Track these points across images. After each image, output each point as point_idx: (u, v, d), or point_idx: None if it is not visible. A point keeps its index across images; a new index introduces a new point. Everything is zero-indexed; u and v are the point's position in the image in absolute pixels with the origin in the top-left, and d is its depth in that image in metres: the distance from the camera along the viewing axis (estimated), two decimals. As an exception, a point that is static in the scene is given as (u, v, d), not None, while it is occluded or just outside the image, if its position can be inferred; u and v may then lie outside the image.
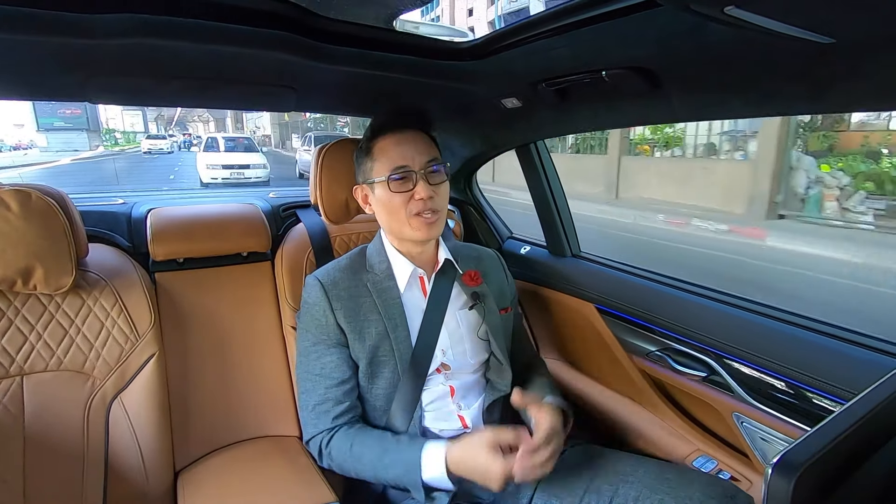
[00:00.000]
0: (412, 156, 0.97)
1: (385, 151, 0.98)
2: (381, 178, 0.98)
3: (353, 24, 0.85)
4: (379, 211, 1.02)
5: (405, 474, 0.91)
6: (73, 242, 0.97)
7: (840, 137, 6.93)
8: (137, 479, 1.02)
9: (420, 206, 0.96)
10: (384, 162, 0.97)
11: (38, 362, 0.98)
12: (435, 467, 0.89)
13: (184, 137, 20.28)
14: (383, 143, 0.99)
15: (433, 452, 0.90)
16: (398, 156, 0.97)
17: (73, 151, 26.33)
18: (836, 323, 0.94)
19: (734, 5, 0.48)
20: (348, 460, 0.97)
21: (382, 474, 0.93)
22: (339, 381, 1.01)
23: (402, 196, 0.97)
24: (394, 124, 1.00)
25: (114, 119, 37.13)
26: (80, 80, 0.95)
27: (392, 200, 0.97)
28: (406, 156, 0.97)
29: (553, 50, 0.86)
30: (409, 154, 0.97)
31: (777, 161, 6.79)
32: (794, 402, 0.94)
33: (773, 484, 0.44)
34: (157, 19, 0.72)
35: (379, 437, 0.97)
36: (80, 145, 28.72)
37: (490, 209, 1.74)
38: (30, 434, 0.95)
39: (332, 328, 1.01)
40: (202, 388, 1.18)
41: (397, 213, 0.98)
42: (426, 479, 0.89)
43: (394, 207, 0.98)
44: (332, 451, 0.99)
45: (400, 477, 0.91)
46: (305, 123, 26.13)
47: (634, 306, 1.23)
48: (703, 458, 1.10)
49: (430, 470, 0.90)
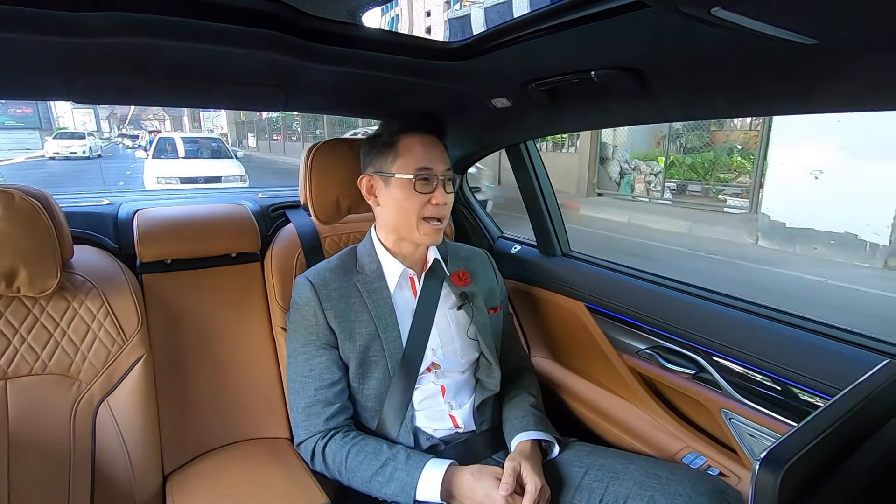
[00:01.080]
0: (436, 160, 0.99)
1: (411, 149, 0.99)
2: (404, 175, 0.98)
3: (343, 24, 0.84)
4: (388, 205, 1.02)
5: (399, 493, 0.91)
6: (57, 244, 0.95)
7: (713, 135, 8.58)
8: (125, 484, 1.01)
9: (434, 210, 0.98)
10: (409, 159, 0.98)
11: (23, 366, 0.97)
12: (430, 490, 0.90)
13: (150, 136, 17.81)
14: (409, 140, 0.99)
15: (430, 477, 0.90)
16: (425, 157, 0.98)
17: (26, 150, 24.96)
18: (820, 319, 0.96)
19: (721, 6, 0.48)
20: (343, 471, 0.97)
21: (376, 489, 0.93)
22: (330, 383, 1.01)
23: (420, 198, 0.98)
24: (422, 125, 1.01)
25: (63, 117, 35.58)
26: (65, 79, 0.94)
27: (409, 199, 0.98)
28: (431, 159, 0.99)
29: (543, 50, 0.86)
30: (433, 158, 0.99)
31: (591, 154, 9.42)
32: (781, 399, 0.96)
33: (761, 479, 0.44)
34: (144, 18, 0.71)
35: (375, 451, 0.96)
36: (32, 144, 27.22)
37: (480, 209, 1.74)
38: (14, 439, 0.93)
39: (323, 328, 1.01)
40: (191, 390, 1.17)
41: (408, 214, 0.99)
42: (419, 498, 0.90)
43: (408, 207, 0.98)
44: (326, 457, 0.99)
45: (393, 494, 0.92)
46: (262, 123, 25.86)
47: (624, 305, 1.24)
48: (693, 455, 1.11)
49: (424, 492, 0.90)
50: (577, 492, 0.93)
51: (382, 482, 0.92)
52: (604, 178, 9.58)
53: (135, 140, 31.25)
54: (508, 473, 0.88)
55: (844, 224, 5.45)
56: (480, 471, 0.91)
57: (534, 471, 0.91)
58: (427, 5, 15.38)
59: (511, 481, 0.87)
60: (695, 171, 8.54)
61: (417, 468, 0.91)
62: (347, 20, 0.84)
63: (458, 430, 1.05)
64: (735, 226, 6.71)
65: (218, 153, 9.66)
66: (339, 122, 17.93)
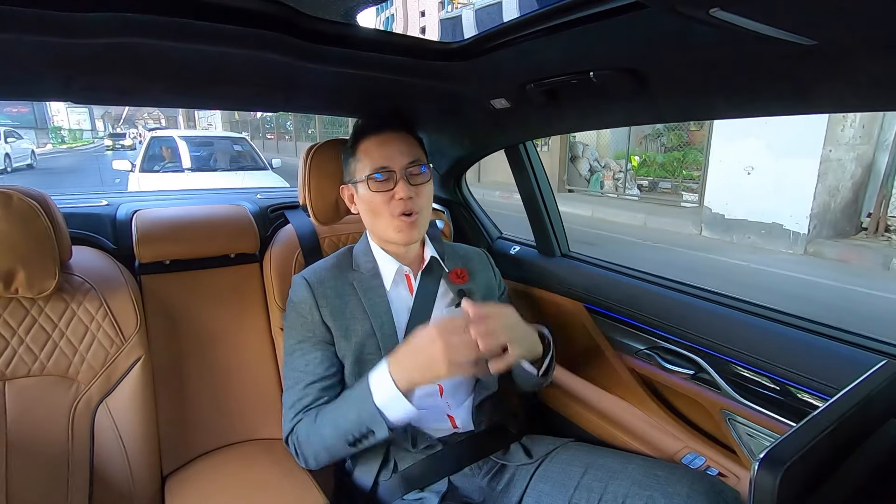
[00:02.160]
0: (394, 156, 0.98)
1: (368, 152, 1.00)
2: (362, 178, 0.99)
3: (342, 25, 0.84)
4: (362, 210, 1.04)
5: (361, 411, 0.88)
6: (55, 245, 0.95)
7: (691, 135, 9.01)
8: (124, 485, 1.01)
9: (401, 206, 0.97)
10: (366, 162, 0.99)
11: (21, 367, 0.96)
12: (384, 387, 0.86)
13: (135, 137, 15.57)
14: (367, 143, 1.01)
15: (378, 373, 0.88)
16: (380, 156, 0.98)
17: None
18: (819, 320, 0.96)
19: (719, 7, 0.48)
20: (315, 437, 0.94)
21: (344, 427, 0.90)
22: (320, 378, 0.99)
23: (382, 196, 0.98)
24: (378, 125, 1.02)
25: (58, 115, 35.57)
26: (63, 80, 0.94)
27: (373, 200, 0.99)
28: (387, 156, 0.98)
29: (541, 51, 0.86)
30: (390, 154, 0.98)
31: (562, 153, 9.81)
32: (780, 399, 0.96)
33: (760, 479, 0.44)
34: (142, 18, 0.71)
35: (337, 399, 0.95)
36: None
37: (479, 209, 1.74)
38: (13, 440, 0.93)
39: (318, 326, 1.00)
40: (190, 391, 1.16)
41: (379, 214, 0.99)
42: (380, 405, 0.86)
43: (375, 207, 0.99)
44: (298, 437, 0.96)
45: (358, 418, 0.88)
46: (255, 122, 25.75)
47: (623, 305, 1.24)
48: (692, 455, 1.11)
49: (380, 392, 0.87)
50: (576, 491, 0.93)
51: (345, 415, 0.90)
52: (575, 176, 10.09)
53: (117, 140, 24.56)
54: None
55: (772, 215, 6.11)
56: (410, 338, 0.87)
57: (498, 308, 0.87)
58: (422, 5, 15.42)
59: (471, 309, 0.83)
60: (664, 170, 9.27)
61: (366, 378, 0.89)
62: (346, 21, 0.84)
63: (457, 430, 1.04)
64: (685, 218, 7.31)
65: (241, 161, 6.10)
66: (330, 122, 17.95)
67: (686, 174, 8.79)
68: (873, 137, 6.06)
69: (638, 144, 10.44)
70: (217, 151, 6.16)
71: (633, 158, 9.59)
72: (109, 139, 26.05)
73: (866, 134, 5.96)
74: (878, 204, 5.97)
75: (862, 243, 5.84)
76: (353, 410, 0.89)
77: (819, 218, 5.88)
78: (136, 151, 11.72)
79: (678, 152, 9.09)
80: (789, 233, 5.98)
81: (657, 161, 9.49)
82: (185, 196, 1.70)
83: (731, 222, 6.52)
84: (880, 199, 5.94)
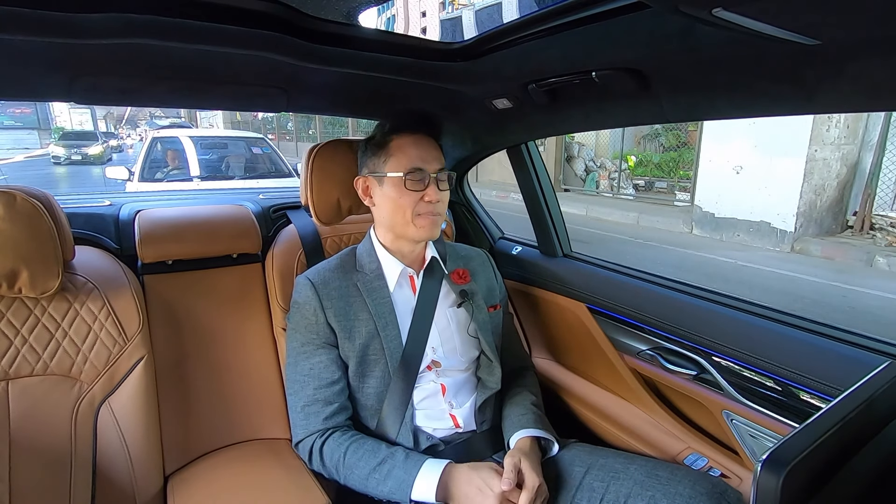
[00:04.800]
0: (428, 159, 1.00)
1: (403, 149, 1.00)
2: (395, 174, 1.00)
3: (344, 25, 0.84)
4: (383, 204, 1.03)
5: (394, 489, 0.91)
6: (59, 245, 0.95)
7: (689, 135, 8.95)
8: (126, 484, 1.01)
9: (427, 207, 1.00)
10: (401, 159, 1.00)
11: (24, 367, 0.97)
12: (426, 489, 0.89)
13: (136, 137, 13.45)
14: (401, 141, 1.01)
15: (427, 474, 0.90)
16: (416, 156, 1.00)
17: (25, 149, 25.47)
18: (822, 321, 0.96)
19: (722, 7, 0.48)
20: (340, 469, 0.96)
21: (373, 487, 0.93)
22: (329, 382, 1.01)
23: (412, 195, 0.99)
24: (413, 126, 1.03)
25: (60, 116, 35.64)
26: (66, 80, 0.94)
27: (402, 198, 1.00)
28: (423, 158, 1.00)
29: (543, 51, 0.86)
30: (425, 157, 1.00)
31: (557, 153, 9.93)
32: (782, 400, 0.96)
33: (763, 480, 0.44)
34: (144, 19, 0.71)
35: (374, 449, 0.96)
36: (30, 143, 27.71)
37: (481, 210, 1.74)
38: (16, 439, 0.93)
39: (323, 327, 1.01)
40: (192, 391, 1.17)
41: (403, 211, 1.00)
42: (414, 497, 0.90)
43: (401, 205, 1.00)
44: (324, 456, 0.99)
45: (389, 491, 0.91)
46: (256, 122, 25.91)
47: (625, 306, 1.24)
48: (694, 456, 1.10)
49: (420, 490, 0.90)
50: (578, 491, 0.93)
51: (379, 479, 0.92)
52: (571, 175, 10.20)
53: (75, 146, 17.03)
54: (510, 468, 0.88)
55: (760, 213, 6.21)
56: (479, 465, 0.91)
57: (533, 468, 0.91)
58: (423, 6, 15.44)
59: (512, 476, 0.87)
60: (661, 170, 9.37)
61: (415, 466, 0.91)
62: (348, 21, 0.84)
63: (459, 429, 1.04)
64: (677, 217, 7.38)
65: (260, 166, 5.06)
66: (330, 122, 17.98)
67: (682, 174, 8.87)
68: (858, 137, 6.14)
69: (636, 144, 10.50)
70: (231, 155, 5.06)
71: (630, 158, 9.73)
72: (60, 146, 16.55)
73: (851, 134, 6.03)
74: (864, 202, 6.06)
75: (847, 241, 5.95)
76: (388, 484, 0.92)
77: (805, 216, 5.98)
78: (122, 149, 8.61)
79: (674, 152, 9.20)
80: (776, 231, 6.08)
81: (653, 161, 9.62)
82: (187, 196, 1.70)
83: (721, 220, 6.63)
84: (865, 198, 6.04)
